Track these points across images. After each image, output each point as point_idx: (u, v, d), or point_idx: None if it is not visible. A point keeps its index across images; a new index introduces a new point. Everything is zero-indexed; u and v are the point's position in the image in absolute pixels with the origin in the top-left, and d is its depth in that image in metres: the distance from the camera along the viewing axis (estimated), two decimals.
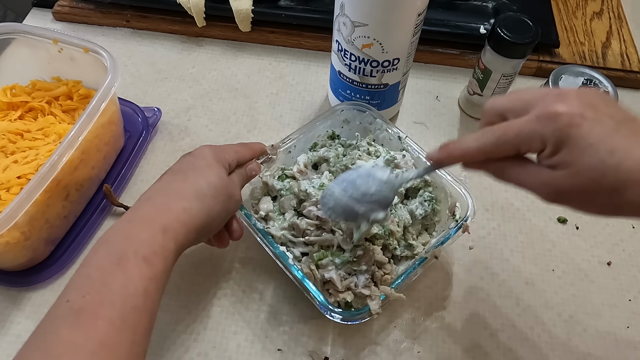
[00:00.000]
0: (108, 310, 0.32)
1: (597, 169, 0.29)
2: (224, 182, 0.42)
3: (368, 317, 0.44)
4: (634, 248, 0.55)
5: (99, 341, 0.31)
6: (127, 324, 0.32)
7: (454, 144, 0.34)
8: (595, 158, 0.28)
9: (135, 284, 0.34)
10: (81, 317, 0.31)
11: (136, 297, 0.33)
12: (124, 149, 0.59)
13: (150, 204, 0.39)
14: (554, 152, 0.30)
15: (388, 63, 0.54)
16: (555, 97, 0.30)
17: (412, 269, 0.45)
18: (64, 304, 0.32)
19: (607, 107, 0.30)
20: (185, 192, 0.40)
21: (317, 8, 0.69)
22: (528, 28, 0.55)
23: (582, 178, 0.29)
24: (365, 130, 0.57)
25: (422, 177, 0.41)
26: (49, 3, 0.73)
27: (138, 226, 0.37)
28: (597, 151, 0.28)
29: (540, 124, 0.30)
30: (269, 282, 0.51)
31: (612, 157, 0.28)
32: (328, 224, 0.48)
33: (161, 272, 0.36)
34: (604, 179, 0.29)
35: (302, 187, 0.50)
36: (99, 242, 0.36)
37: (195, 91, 0.67)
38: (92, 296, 0.32)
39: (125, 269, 0.34)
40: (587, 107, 0.29)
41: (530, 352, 0.48)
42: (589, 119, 0.29)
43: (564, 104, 0.29)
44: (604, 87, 0.59)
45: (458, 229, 0.47)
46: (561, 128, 0.29)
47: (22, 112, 0.56)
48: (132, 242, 0.35)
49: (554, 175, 0.30)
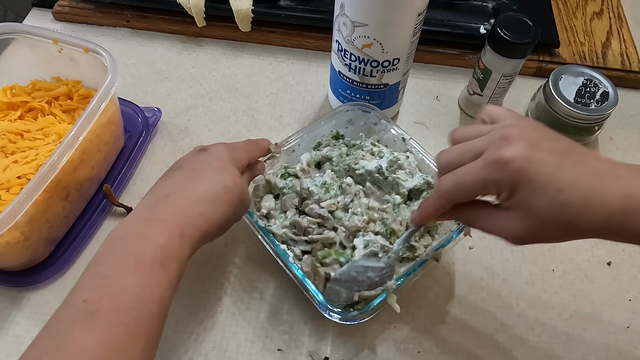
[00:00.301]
0: (124, 316, 0.32)
1: (549, 208, 0.31)
2: (239, 187, 0.42)
3: (367, 318, 0.44)
4: (634, 248, 0.55)
5: (113, 346, 0.31)
6: (141, 331, 0.32)
7: (425, 202, 0.38)
8: (546, 199, 0.31)
9: (151, 290, 0.34)
10: (97, 321, 0.31)
11: (152, 303, 0.33)
12: (124, 149, 0.59)
13: (168, 204, 0.39)
14: (508, 197, 0.32)
15: (388, 63, 0.54)
16: (500, 141, 0.33)
17: (412, 271, 0.45)
18: (80, 303, 0.32)
19: (548, 142, 0.33)
20: (203, 196, 0.40)
21: (317, 8, 0.69)
22: (528, 28, 0.55)
23: (537, 218, 0.32)
24: (370, 131, 0.56)
25: (408, 241, 0.44)
26: (49, 3, 0.73)
27: (155, 228, 0.36)
28: (546, 192, 0.31)
29: (492, 171, 0.32)
30: (270, 282, 0.51)
31: (560, 195, 0.31)
32: (330, 221, 0.48)
33: (175, 279, 0.36)
34: (557, 216, 0.31)
35: (304, 185, 0.50)
36: (114, 239, 0.36)
37: (195, 91, 0.67)
38: (109, 299, 0.32)
39: (143, 273, 0.34)
40: (531, 148, 0.32)
41: (530, 352, 0.48)
42: (535, 161, 0.31)
43: (510, 148, 0.32)
44: (604, 87, 0.59)
45: (460, 232, 0.47)
46: (511, 174, 0.31)
47: (22, 112, 0.56)
48: (150, 245, 0.35)
49: (513, 218, 0.33)
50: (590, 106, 0.58)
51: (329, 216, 0.48)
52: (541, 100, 0.61)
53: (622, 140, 0.65)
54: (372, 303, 0.43)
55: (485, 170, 0.33)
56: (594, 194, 0.30)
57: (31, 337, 0.47)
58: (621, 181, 0.30)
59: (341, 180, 0.51)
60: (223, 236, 0.53)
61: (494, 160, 0.32)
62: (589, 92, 0.59)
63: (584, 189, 0.30)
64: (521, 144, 0.32)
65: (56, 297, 0.50)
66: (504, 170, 0.32)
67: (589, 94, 0.59)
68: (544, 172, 0.31)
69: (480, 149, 0.34)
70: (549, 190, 0.31)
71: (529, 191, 0.31)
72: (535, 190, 0.31)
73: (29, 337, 0.47)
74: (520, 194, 0.32)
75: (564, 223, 0.31)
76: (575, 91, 0.59)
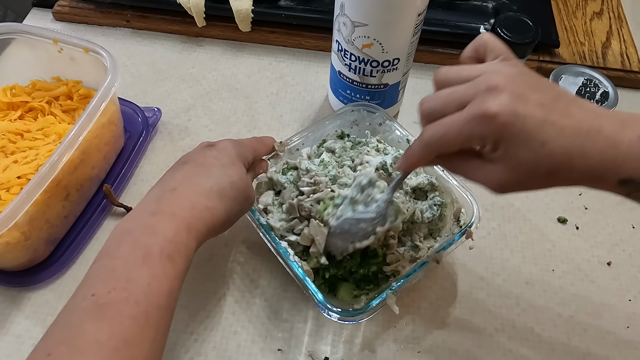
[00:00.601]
0: (133, 309, 0.32)
1: (533, 161, 0.31)
2: (244, 183, 0.43)
3: (366, 318, 0.44)
4: (634, 248, 0.55)
5: (123, 339, 0.31)
6: (150, 323, 0.33)
7: (409, 151, 0.37)
8: (530, 152, 0.31)
9: (160, 282, 0.34)
10: (106, 313, 0.32)
11: (160, 296, 0.34)
12: (124, 149, 0.59)
13: (175, 197, 0.39)
14: (493, 149, 0.33)
15: (388, 63, 0.54)
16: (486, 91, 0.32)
17: (413, 272, 0.45)
18: (89, 297, 0.33)
19: (535, 93, 0.32)
20: (210, 191, 0.40)
21: (317, 8, 0.69)
22: (528, 28, 0.55)
23: (521, 170, 0.32)
24: (375, 132, 0.57)
25: (396, 189, 0.44)
26: (49, 3, 0.73)
27: (163, 221, 0.37)
28: (530, 145, 0.31)
29: (477, 125, 0.32)
30: (270, 282, 0.51)
31: (543, 148, 0.31)
32: (322, 184, 0.49)
33: (182, 271, 0.36)
34: (540, 168, 0.32)
35: (302, 166, 0.50)
36: (122, 231, 0.36)
37: (195, 91, 0.67)
38: (118, 292, 0.33)
39: (151, 266, 0.34)
40: (518, 101, 0.31)
41: (530, 352, 0.48)
42: (520, 115, 0.31)
43: (495, 101, 0.31)
44: (604, 87, 0.59)
45: (462, 234, 0.47)
46: (496, 129, 0.31)
47: (22, 112, 0.56)
48: (158, 238, 0.36)
49: (497, 169, 0.33)
50: None
51: (321, 179, 0.49)
52: None
53: None
54: (370, 303, 0.43)
55: (470, 124, 0.32)
56: (574, 148, 0.31)
57: (31, 337, 0.47)
58: (602, 133, 0.31)
59: (340, 166, 0.52)
60: (223, 236, 0.54)
61: (479, 114, 0.32)
62: (589, 92, 0.59)
63: (566, 142, 0.31)
64: (507, 96, 0.31)
65: (56, 297, 0.50)
66: (489, 124, 0.31)
67: (589, 93, 0.59)
68: (529, 126, 0.31)
69: (465, 99, 0.33)
70: (533, 144, 0.31)
71: (513, 145, 0.31)
72: (519, 144, 0.31)
73: (29, 337, 0.47)
74: (504, 148, 0.32)
75: (546, 173, 0.32)
76: (576, 91, 0.59)
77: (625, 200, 0.33)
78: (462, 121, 0.33)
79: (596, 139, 0.31)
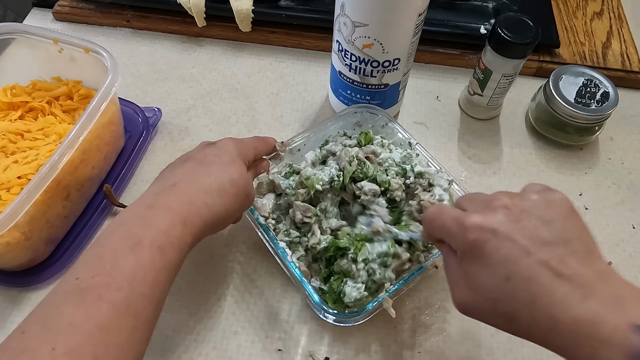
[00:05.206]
0: (113, 294, 0.32)
1: (492, 292, 0.29)
2: (245, 180, 0.43)
3: (362, 320, 0.44)
4: (635, 248, 0.55)
5: (98, 323, 0.31)
6: (130, 310, 0.32)
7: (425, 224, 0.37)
8: (491, 280, 0.29)
9: (145, 271, 0.34)
10: (86, 297, 0.32)
11: (144, 285, 0.33)
12: (124, 149, 0.59)
13: (174, 192, 0.39)
14: (460, 259, 0.31)
15: (388, 63, 0.54)
16: (484, 205, 0.31)
17: (410, 276, 0.45)
18: (73, 281, 0.33)
19: (537, 223, 0.30)
20: (209, 187, 0.40)
21: (317, 8, 0.69)
22: (528, 28, 0.55)
23: (480, 296, 0.30)
24: (377, 134, 0.56)
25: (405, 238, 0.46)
26: (49, 3, 0.73)
27: (158, 214, 0.37)
28: (493, 274, 0.29)
29: (455, 228, 0.31)
30: (270, 282, 0.51)
31: (507, 284, 0.28)
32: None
33: (173, 264, 0.36)
34: (498, 303, 0.29)
35: (305, 175, 0.50)
36: (116, 223, 0.36)
37: (196, 91, 0.67)
38: (102, 278, 0.32)
39: (139, 255, 0.34)
40: (508, 223, 0.29)
41: (530, 352, 0.48)
42: (500, 237, 0.29)
43: (483, 216, 0.30)
44: (605, 87, 0.59)
45: None
46: (467, 241, 0.30)
47: (23, 112, 0.56)
48: (150, 230, 0.36)
49: (462, 283, 0.32)
50: (590, 106, 0.58)
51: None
52: (541, 101, 0.61)
53: (623, 140, 0.65)
54: (366, 307, 0.44)
55: (451, 222, 0.32)
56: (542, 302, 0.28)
57: None
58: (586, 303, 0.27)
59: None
60: (223, 236, 0.54)
61: (463, 220, 0.31)
62: (589, 92, 0.59)
63: (532, 291, 0.28)
64: (501, 215, 0.30)
65: None
66: (463, 232, 0.31)
67: (589, 94, 0.59)
68: (501, 253, 0.29)
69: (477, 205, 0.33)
70: (497, 273, 0.29)
71: (477, 265, 0.30)
72: (482, 268, 0.30)
73: None
74: (468, 263, 0.31)
75: (504, 314, 0.30)
76: (576, 91, 0.59)
77: (625, 200, 0.32)
78: (451, 216, 0.33)
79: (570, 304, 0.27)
